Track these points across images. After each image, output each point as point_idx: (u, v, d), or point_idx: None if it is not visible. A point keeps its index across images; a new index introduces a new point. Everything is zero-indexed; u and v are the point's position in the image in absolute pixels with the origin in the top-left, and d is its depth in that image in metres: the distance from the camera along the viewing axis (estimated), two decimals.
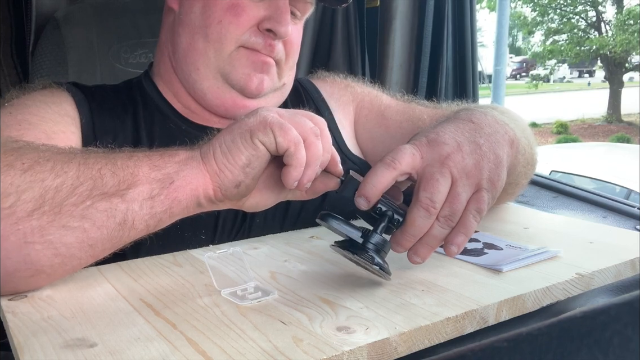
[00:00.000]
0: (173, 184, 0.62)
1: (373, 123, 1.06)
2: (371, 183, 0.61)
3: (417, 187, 0.61)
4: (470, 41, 1.59)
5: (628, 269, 0.67)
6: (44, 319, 0.55)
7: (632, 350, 0.33)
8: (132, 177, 0.60)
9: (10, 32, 1.33)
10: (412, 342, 0.51)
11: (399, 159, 0.62)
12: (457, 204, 0.60)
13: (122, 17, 1.33)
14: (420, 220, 0.60)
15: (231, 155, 0.62)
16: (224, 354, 0.47)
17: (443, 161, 0.62)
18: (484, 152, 0.64)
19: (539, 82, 19.24)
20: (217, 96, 0.92)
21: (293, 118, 0.63)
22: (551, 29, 16.46)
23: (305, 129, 0.63)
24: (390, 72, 1.58)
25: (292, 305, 0.57)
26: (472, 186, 0.62)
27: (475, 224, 0.62)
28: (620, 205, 1.24)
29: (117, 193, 0.59)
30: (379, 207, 0.61)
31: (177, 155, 0.64)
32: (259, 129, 0.61)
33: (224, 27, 0.88)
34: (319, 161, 0.63)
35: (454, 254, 0.62)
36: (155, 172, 0.61)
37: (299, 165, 0.62)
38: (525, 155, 0.80)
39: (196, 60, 0.91)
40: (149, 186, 0.61)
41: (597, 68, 28.08)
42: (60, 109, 0.85)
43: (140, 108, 0.94)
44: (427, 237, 0.61)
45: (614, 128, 14.62)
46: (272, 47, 0.89)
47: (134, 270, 0.69)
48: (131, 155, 0.63)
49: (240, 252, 0.64)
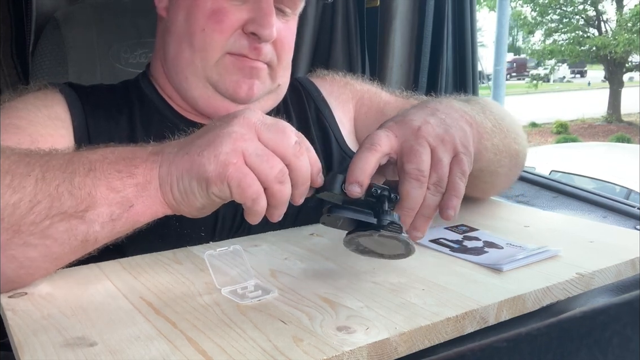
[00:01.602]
0: (133, 207, 0.61)
1: (373, 120, 1.06)
2: (359, 168, 0.62)
3: (401, 162, 0.63)
4: (470, 41, 1.59)
5: (628, 269, 0.67)
6: (44, 317, 0.55)
7: (631, 350, 0.33)
8: (89, 197, 0.59)
9: (10, 32, 1.33)
10: (412, 342, 0.51)
11: (377, 141, 0.64)
12: (442, 169, 0.63)
13: (122, 17, 1.33)
14: (414, 191, 0.61)
15: (187, 197, 0.61)
16: (224, 353, 0.47)
17: (417, 133, 0.64)
18: (448, 124, 0.68)
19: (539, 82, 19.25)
20: (208, 104, 0.91)
21: (263, 159, 0.58)
22: (551, 28, 16.46)
23: (271, 176, 0.58)
24: (390, 72, 1.58)
25: (292, 304, 0.57)
26: (450, 151, 0.64)
27: (463, 185, 0.64)
28: (620, 205, 1.23)
29: (76, 214, 0.59)
30: (375, 190, 0.61)
31: (136, 176, 0.61)
32: (216, 182, 0.58)
33: (208, 35, 0.87)
34: (284, 204, 0.61)
35: (452, 217, 0.63)
36: (113, 194, 0.60)
37: (257, 216, 0.60)
38: (493, 141, 0.81)
39: (184, 69, 0.90)
40: (108, 209, 0.60)
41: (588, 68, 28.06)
42: (51, 111, 0.85)
43: (137, 109, 0.93)
44: (422, 208, 0.62)
45: (614, 128, 14.63)
46: (258, 51, 0.87)
47: (134, 267, 0.69)
48: (89, 170, 0.60)
49: (240, 250, 0.64)
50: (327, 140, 1.02)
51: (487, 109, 0.84)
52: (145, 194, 0.61)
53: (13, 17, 1.32)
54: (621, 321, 0.34)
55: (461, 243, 0.75)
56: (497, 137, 0.82)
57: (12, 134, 0.77)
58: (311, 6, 1.56)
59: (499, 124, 0.84)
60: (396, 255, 0.62)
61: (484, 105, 0.86)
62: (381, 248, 0.62)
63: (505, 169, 0.88)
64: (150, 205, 0.61)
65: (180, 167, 0.60)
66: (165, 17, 0.94)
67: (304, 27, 1.56)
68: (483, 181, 0.87)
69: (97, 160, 0.61)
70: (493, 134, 0.81)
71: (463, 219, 0.85)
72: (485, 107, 0.85)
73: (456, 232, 0.79)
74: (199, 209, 0.62)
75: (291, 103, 1.04)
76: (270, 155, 0.59)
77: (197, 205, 0.61)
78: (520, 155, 0.91)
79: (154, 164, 0.62)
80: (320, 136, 1.02)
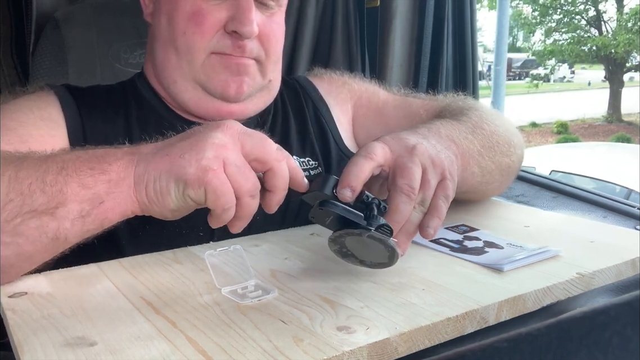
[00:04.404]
0: (103, 204, 0.60)
1: (371, 121, 1.06)
2: (353, 173, 0.63)
3: (393, 176, 0.65)
4: (470, 41, 1.59)
5: (629, 269, 0.67)
6: (44, 316, 0.55)
7: (631, 351, 0.33)
8: (60, 194, 0.59)
9: (10, 32, 1.33)
10: (413, 342, 0.51)
11: (374, 151, 0.65)
12: (428, 190, 0.64)
13: (122, 17, 1.33)
14: (403, 206, 0.62)
15: (161, 197, 0.60)
16: (224, 353, 0.47)
17: (411, 151, 0.66)
18: (438, 149, 0.70)
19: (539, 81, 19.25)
20: (199, 106, 0.91)
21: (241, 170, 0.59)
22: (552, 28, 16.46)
23: (244, 187, 0.59)
24: (390, 72, 1.58)
25: (293, 304, 0.57)
26: (439, 175, 0.66)
27: (445, 208, 0.65)
28: (620, 205, 1.23)
29: (47, 211, 0.59)
30: (366, 197, 0.61)
31: (109, 173, 0.61)
32: (193, 185, 0.58)
33: (189, 38, 0.87)
34: (249, 217, 0.62)
35: (431, 236, 0.64)
36: (84, 191, 0.60)
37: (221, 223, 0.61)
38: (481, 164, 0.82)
39: (172, 73, 0.90)
40: (78, 205, 0.60)
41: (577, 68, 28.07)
42: (44, 113, 0.85)
43: (134, 109, 0.93)
44: (406, 224, 0.63)
45: (614, 128, 14.63)
46: (242, 48, 0.87)
47: (134, 267, 0.69)
48: (62, 168, 0.60)
49: (240, 249, 0.64)
50: (325, 139, 1.02)
51: (478, 126, 0.85)
52: (117, 190, 0.61)
53: (13, 17, 1.32)
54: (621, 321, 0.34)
55: (461, 243, 0.75)
56: (487, 156, 0.83)
57: (2, 135, 0.78)
58: (311, 6, 1.56)
59: (489, 141, 0.85)
60: (377, 263, 0.62)
61: (476, 120, 0.87)
62: (364, 253, 0.61)
63: (495, 184, 0.90)
64: (120, 202, 0.61)
65: (159, 167, 0.60)
66: (151, 23, 0.94)
67: (304, 27, 1.56)
68: (471, 197, 0.88)
69: (70, 160, 0.61)
70: (481, 156, 0.82)
71: (463, 219, 0.85)
72: (477, 124, 0.86)
73: (456, 232, 0.79)
74: (172, 211, 0.62)
75: (289, 102, 1.04)
76: (247, 168, 0.60)
77: (170, 206, 0.61)
78: (513, 166, 0.92)
79: (129, 162, 0.62)
80: (318, 135, 1.02)
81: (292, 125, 1.01)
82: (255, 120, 0.99)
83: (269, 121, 1.00)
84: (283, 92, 1.05)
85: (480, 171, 0.83)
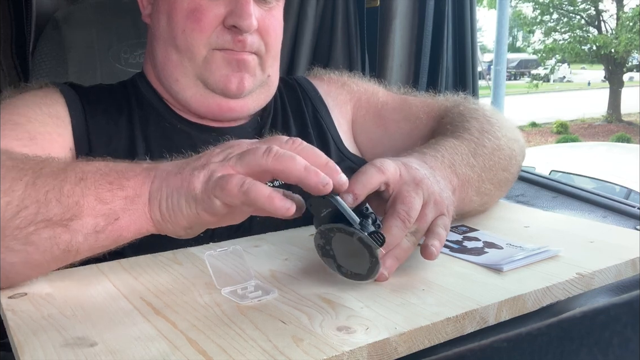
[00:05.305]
0: (118, 220, 0.60)
1: (371, 123, 1.06)
2: (361, 181, 0.63)
3: (394, 201, 0.65)
4: (470, 41, 1.59)
5: (628, 269, 0.67)
6: (44, 317, 0.55)
7: (631, 351, 0.33)
8: (76, 206, 0.58)
9: (10, 32, 1.33)
10: (412, 342, 0.51)
11: (387, 167, 0.66)
12: (424, 223, 0.65)
13: (122, 17, 1.33)
14: (396, 230, 0.62)
15: (174, 214, 0.59)
16: (224, 353, 0.47)
17: (418, 183, 0.67)
18: (441, 187, 0.71)
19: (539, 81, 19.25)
20: (201, 103, 0.91)
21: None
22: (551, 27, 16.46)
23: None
24: (390, 72, 1.58)
25: (293, 304, 0.57)
26: (437, 212, 0.67)
27: (445, 234, 0.65)
28: (620, 205, 1.23)
29: (61, 222, 0.58)
30: (366, 207, 0.61)
31: (126, 189, 0.60)
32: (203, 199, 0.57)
33: (189, 35, 0.87)
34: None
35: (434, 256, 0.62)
36: (100, 206, 0.59)
37: (280, 201, 0.55)
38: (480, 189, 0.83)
39: (174, 71, 0.91)
40: (93, 220, 0.59)
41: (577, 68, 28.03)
42: (51, 110, 0.85)
43: (135, 108, 0.93)
44: (396, 249, 0.63)
45: (614, 128, 14.63)
46: (242, 43, 0.88)
47: (134, 268, 0.69)
48: (81, 179, 0.60)
49: (240, 250, 0.64)
50: (324, 140, 1.02)
51: (480, 144, 0.85)
52: (133, 207, 0.60)
53: (13, 17, 1.32)
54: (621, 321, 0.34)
55: (461, 243, 0.75)
56: (486, 179, 0.84)
57: (10, 130, 0.77)
58: (311, 6, 1.56)
59: (490, 160, 0.85)
60: (354, 274, 0.60)
61: (478, 136, 0.86)
62: (346, 258, 0.60)
63: (492, 202, 0.91)
64: (135, 219, 0.60)
65: (172, 185, 0.59)
66: (150, 24, 0.94)
67: (304, 27, 1.56)
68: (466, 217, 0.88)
69: (90, 172, 0.60)
70: (481, 181, 0.82)
71: (463, 220, 0.85)
72: (479, 142, 0.85)
73: (456, 232, 0.80)
74: (185, 228, 0.61)
75: (288, 102, 1.04)
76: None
77: (183, 223, 0.60)
78: (512, 178, 0.93)
79: (146, 178, 0.61)
80: (317, 136, 1.02)
81: (292, 126, 1.01)
82: (255, 121, 0.99)
83: (268, 123, 1.00)
84: (283, 92, 1.04)
85: (479, 198, 0.83)
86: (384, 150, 1.03)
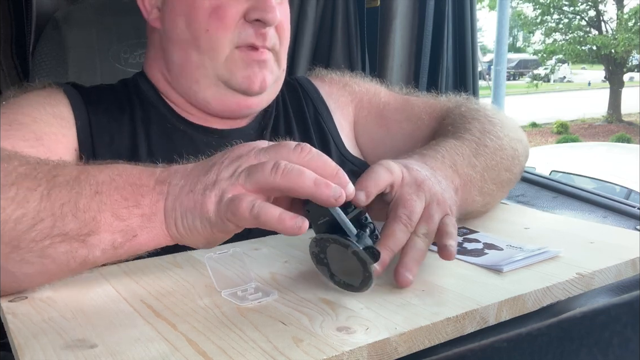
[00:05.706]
0: (136, 237, 0.59)
1: (373, 124, 1.06)
2: (373, 179, 0.63)
3: (395, 205, 0.65)
4: (470, 41, 1.59)
5: (629, 269, 0.67)
6: (45, 320, 0.55)
7: (631, 351, 0.33)
8: (93, 222, 0.57)
9: (10, 32, 1.33)
10: (412, 342, 0.51)
11: (392, 168, 0.66)
12: (432, 224, 0.65)
13: (122, 17, 1.33)
14: (399, 233, 0.62)
15: (191, 233, 0.59)
16: (224, 354, 0.47)
17: (419, 185, 0.67)
18: (443, 187, 0.71)
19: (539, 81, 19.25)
20: (220, 102, 0.92)
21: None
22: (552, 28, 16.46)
23: None
24: (390, 72, 1.58)
25: (293, 305, 0.57)
26: (442, 212, 0.67)
27: (455, 231, 0.65)
28: (620, 205, 1.23)
29: (78, 237, 0.57)
30: (365, 217, 0.60)
31: (142, 207, 0.58)
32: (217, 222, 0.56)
33: (213, 34, 0.87)
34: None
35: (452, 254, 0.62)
36: (118, 222, 0.58)
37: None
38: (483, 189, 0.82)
39: (194, 73, 0.90)
40: (111, 236, 0.58)
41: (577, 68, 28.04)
42: (55, 110, 0.85)
43: (137, 108, 0.93)
44: (414, 252, 0.62)
45: (614, 128, 14.63)
46: (264, 36, 0.88)
47: (134, 271, 0.69)
48: (96, 193, 0.58)
49: (240, 252, 0.64)
50: (325, 142, 1.02)
51: (482, 144, 0.85)
52: (150, 225, 0.59)
53: (13, 17, 1.33)
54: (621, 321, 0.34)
55: (461, 245, 0.74)
56: (489, 179, 0.83)
57: (16, 130, 0.77)
58: (311, 6, 1.56)
59: (493, 160, 0.85)
60: (346, 284, 0.59)
61: (479, 136, 0.86)
62: (339, 269, 0.59)
63: (495, 202, 0.90)
64: (153, 237, 0.60)
65: (185, 205, 0.58)
66: (160, 28, 0.93)
67: (304, 27, 1.56)
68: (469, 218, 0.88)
69: (104, 183, 0.59)
70: (483, 180, 0.82)
71: (463, 222, 0.85)
72: (481, 142, 0.85)
73: None
74: (205, 244, 0.61)
75: (290, 103, 1.04)
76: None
77: (201, 241, 0.60)
78: (514, 178, 0.93)
79: (160, 195, 0.59)
80: (318, 137, 1.02)
81: (294, 129, 1.01)
82: (257, 122, 0.99)
83: (270, 124, 1.00)
84: (284, 93, 1.04)
85: (482, 198, 0.83)
86: (386, 150, 1.03)
